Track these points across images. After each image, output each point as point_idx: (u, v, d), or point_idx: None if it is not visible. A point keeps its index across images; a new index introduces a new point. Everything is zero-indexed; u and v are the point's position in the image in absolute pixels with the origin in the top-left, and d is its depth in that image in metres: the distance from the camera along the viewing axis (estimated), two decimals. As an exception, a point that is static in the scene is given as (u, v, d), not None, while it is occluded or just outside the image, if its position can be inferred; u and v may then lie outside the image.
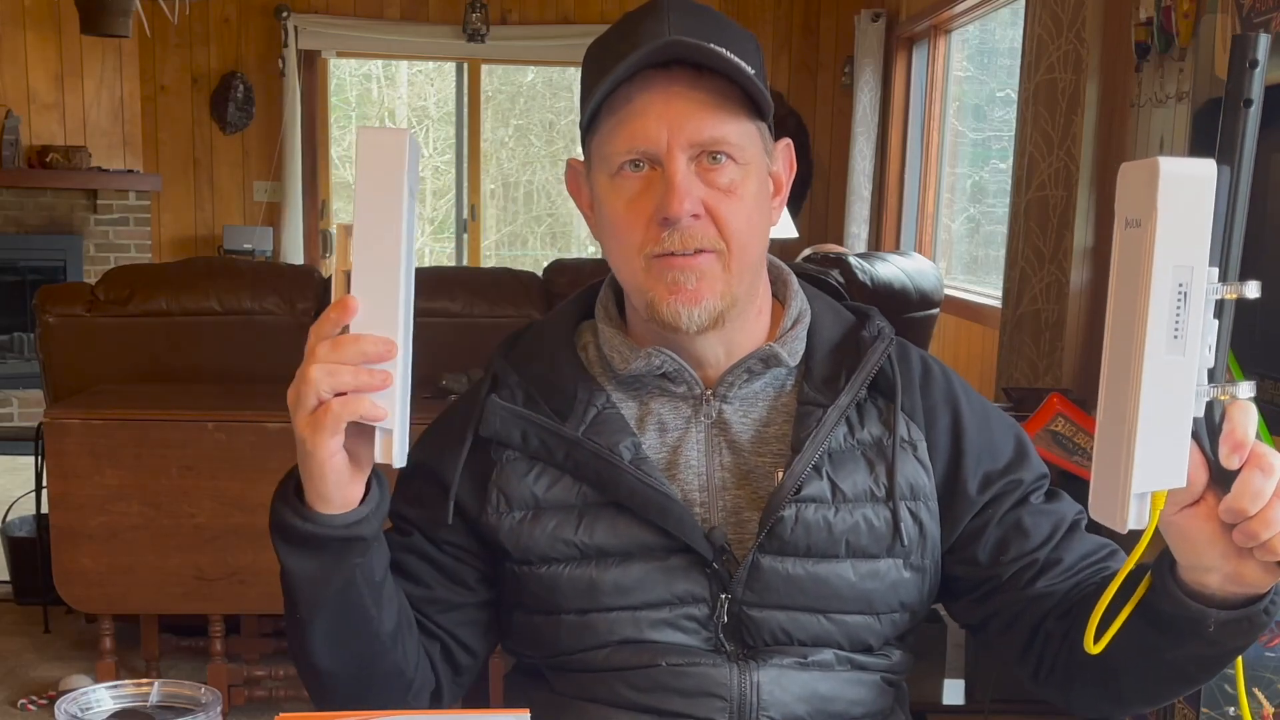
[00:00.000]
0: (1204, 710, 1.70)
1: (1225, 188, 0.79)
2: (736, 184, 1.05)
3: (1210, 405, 0.82)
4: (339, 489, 0.95)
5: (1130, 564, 0.90)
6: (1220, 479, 0.83)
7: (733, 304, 1.07)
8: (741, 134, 1.05)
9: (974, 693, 2.52)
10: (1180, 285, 0.78)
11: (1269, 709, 1.66)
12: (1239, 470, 0.82)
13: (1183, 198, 0.78)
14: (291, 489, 0.99)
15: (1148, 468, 0.80)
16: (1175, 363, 0.79)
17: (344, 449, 0.92)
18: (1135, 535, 0.92)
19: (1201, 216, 0.78)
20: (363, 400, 0.89)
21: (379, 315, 0.89)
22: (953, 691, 2.59)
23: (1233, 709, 1.70)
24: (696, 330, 1.06)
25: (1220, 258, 0.80)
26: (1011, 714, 2.46)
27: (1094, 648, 0.89)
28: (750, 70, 1.03)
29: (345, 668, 1.05)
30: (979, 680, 2.50)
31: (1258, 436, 0.83)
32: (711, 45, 1.01)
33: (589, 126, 1.07)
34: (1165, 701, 1.06)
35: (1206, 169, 0.78)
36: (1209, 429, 0.82)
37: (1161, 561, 0.92)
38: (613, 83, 1.02)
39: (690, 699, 1.06)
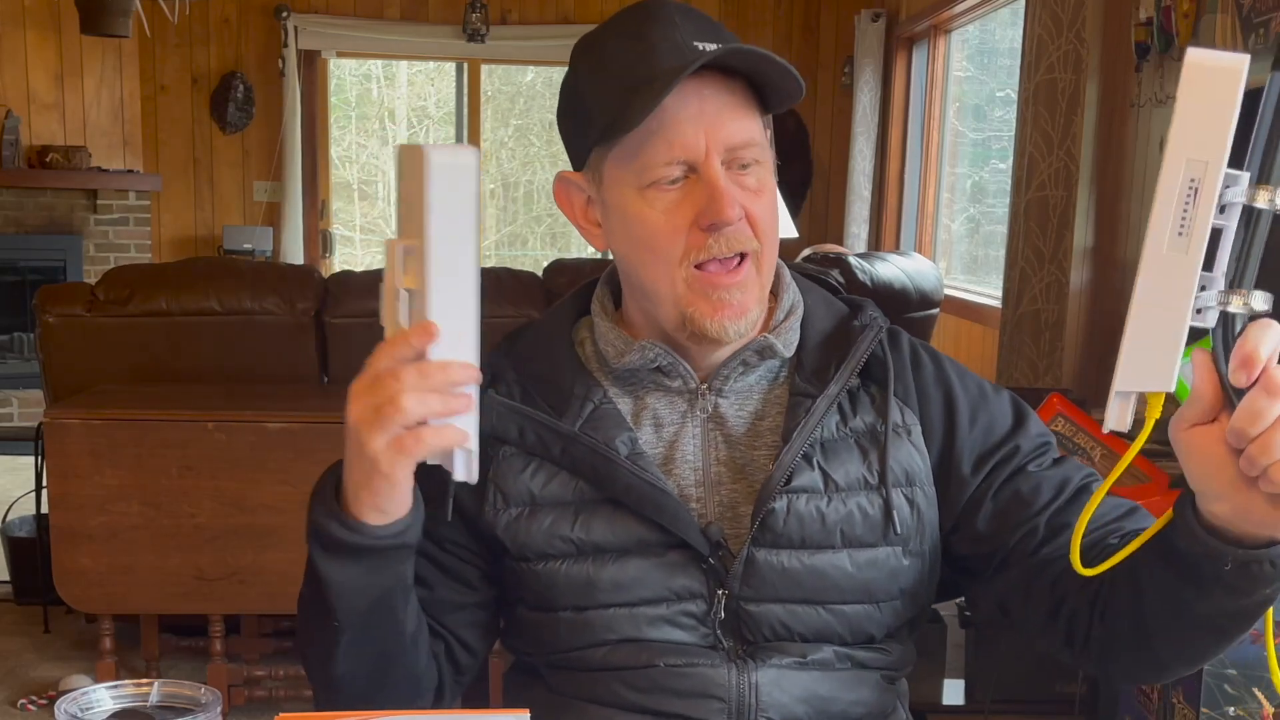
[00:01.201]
0: (1204, 710, 1.70)
1: (1277, 94, 0.76)
2: (762, 183, 1.06)
3: (1229, 318, 0.78)
4: (400, 504, 0.95)
5: (1118, 472, 0.87)
6: (1233, 399, 0.79)
7: (764, 305, 1.09)
8: (760, 133, 1.07)
9: (974, 693, 2.52)
10: (1192, 180, 0.76)
11: (1269, 709, 1.66)
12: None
13: (1205, 89, 0.75)
14: (332, 497, 0.97)
15: (1133, 365, 0.78)
16: (1176, 260, 0.76)
17: None
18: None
19: (1223, 111, 0.75)
20: (453, 428, 0.89)
21: (457, 338, 0.88)
22: (953, 691, 2.59)
23: (1233, 709, 1.69)
24: (738, 338, 1.08)
25: (1260, 163, 0.76)
26: (1011, 714, 2.46)
27: (1083, 569, 0.88)
28: (790, 67, 1.04)
29: (367, 671, 1.04)
30: (979, 680, 2.50)
31: None
32: (762, 50, 1.01)
33: (601, 140, 1.06)
34: (1204, 661, 1.03)
35: (1235, 62, 0.75)
36: (1225, 344, 0.79)
37: (1184, 496, 0.90)
38: (658, 94, 0.99)
39: (688, 700, 1.06)
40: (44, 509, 2.89)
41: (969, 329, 4.79)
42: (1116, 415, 0.80)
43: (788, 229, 2.38)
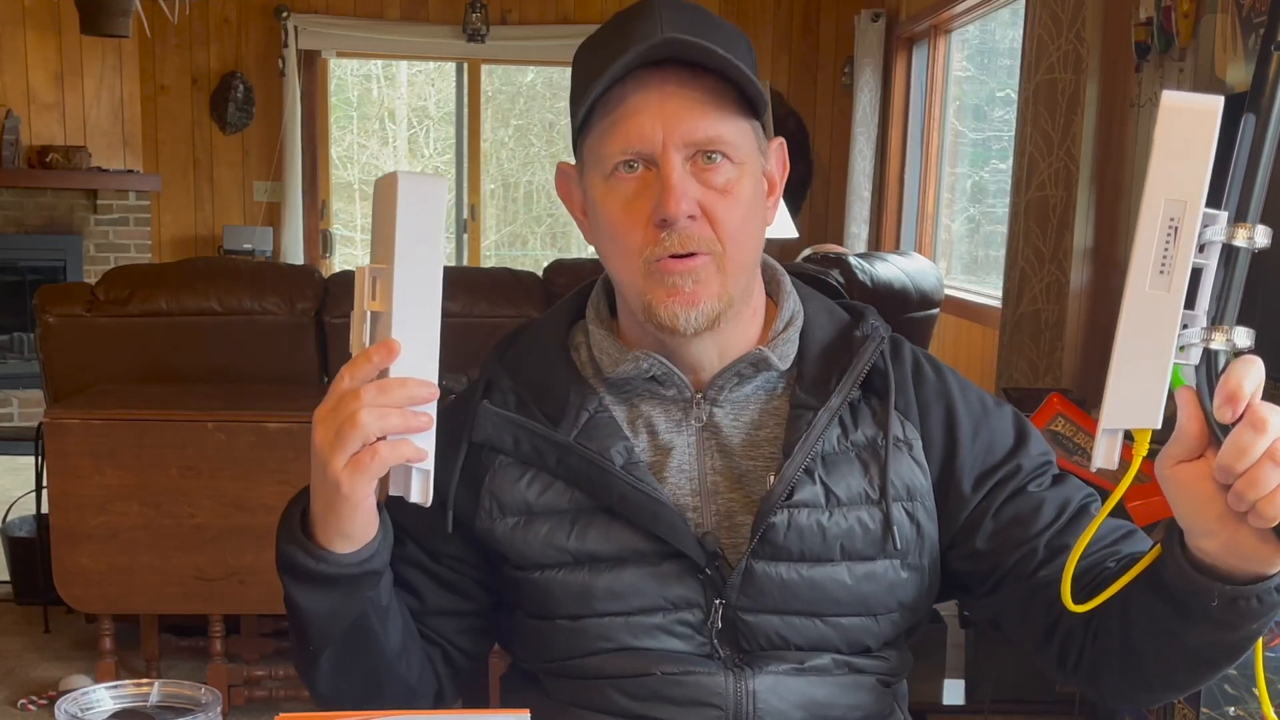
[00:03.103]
0: (1204, 710, 1.70)
1: (1250, 134, 0.78)
2: (732, 183, 1.04)
3: (1212, 355, 0.80)
4: (365, 529, 0.96)
5: (1106, 510, 0.89)
6: (1219, 435, 0.81)
7: (729, 305, 1.06)
8: (736, 132, 1.05)
9: (974, 693, 2.53)
10: (1172, 219, 0.77)
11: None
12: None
13: (1180, 130, 0.77)
14: (297, 527, 0.98)
15: (1118, 404, 0.80)
16: (1159, 298, 0.78)
17: None
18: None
19: (1199, 152, 0.77)
20: (409, 443, 0.90)
21: (418, 358, 0.89)
22: (953, 691, 2.59)
23: (1233, 709, 1.70)
24: (693, 332, 1.06)
25: (1237, 202, 0.78)
26: (1011, 714, 2.46)
27: (1073, 605, 0.88)
28: (744, 67, 1.02)
29: (353, 689, 1.05)
30: (979, 680, 2.50)
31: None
32: (706, 43, 1.00)
33: (581, 128, 1.06)
34: (1194, 687, 1.04)
35: (1210, 104, 0.77)
36: (1209, 381, 0.80)
37: (1172, 530, 0.90)
38: (607, 82, 1.01)
39: (685, 708, 1.06)
40: (44, 509, 2.89)
41: (969, 329, 4.79)
42: (1104, 453, 0.82)
43: (788, 229, 2.38)
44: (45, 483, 2.74)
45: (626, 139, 1.03)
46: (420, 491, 0.92)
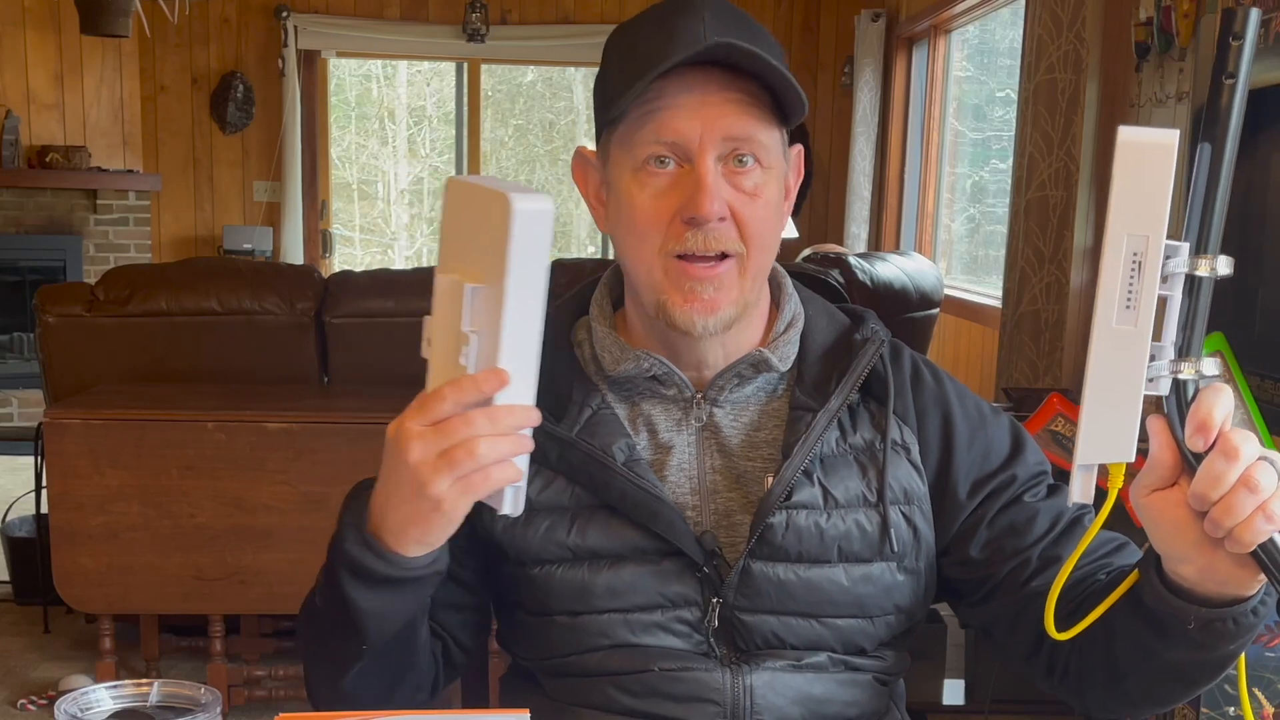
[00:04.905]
0: (1204, 710, 1.70)
1: (1207, 164, 0.79)
2: (760, 188, 1.05)
3: (1181, 385, 0.80)
4: (447, 538, 0.95)
5: (1086, 541, 0.90)
6: (1192, 464, 0.82)
7: (745, 309, 1.08)
8: (769, 138, 1.05)
9: (974, 693, 2.52)
10: (1135, 254, 0.78)
11: (1269, 709, 1.66)
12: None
13: (1139, 165, 0.77)
14: (366, 528, 0.96)
15: (1092, 439, 0.81)
16: (1126, 333, 0.79)
17: None
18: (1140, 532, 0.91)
19: (1158, 186, 0.77)
20: (514, 466, 0.89)
21: (520, 383, 0.88)
22: (953, 691, 2.59)
23: (1233, 709, 1.70)
24: (709, 336, 1.07)
25: (1197, 232, 0.79)
26: (1011, 714, 2.46)
27: (1056, 633, 0.89)
28: (790, 76, 1.03)
29: (382, 684, 1.05)
30: (979, 680, 2.50)
31: (1260, 438, 0.82)
32: (757, 49, 1.00)
33: (614, 117, 1.06)
34: (1175, 703, 1.05)
35: (1166, 138, 0.78)
36: (1179, 410, 0.81)
37: (1149, 555, 0.91)
38: (654, 75, 1.01)
39: (683, 704, 1.06)
40: (44, 509, 2.89)
41: (969, 329, 4.78)
42: (1081, 487, 0.83)
43: (788, 229, 2.39)
44: (45, 483, 2.74)
45: (662, 132, 1.03)
46: (512, 504, 0.91)
